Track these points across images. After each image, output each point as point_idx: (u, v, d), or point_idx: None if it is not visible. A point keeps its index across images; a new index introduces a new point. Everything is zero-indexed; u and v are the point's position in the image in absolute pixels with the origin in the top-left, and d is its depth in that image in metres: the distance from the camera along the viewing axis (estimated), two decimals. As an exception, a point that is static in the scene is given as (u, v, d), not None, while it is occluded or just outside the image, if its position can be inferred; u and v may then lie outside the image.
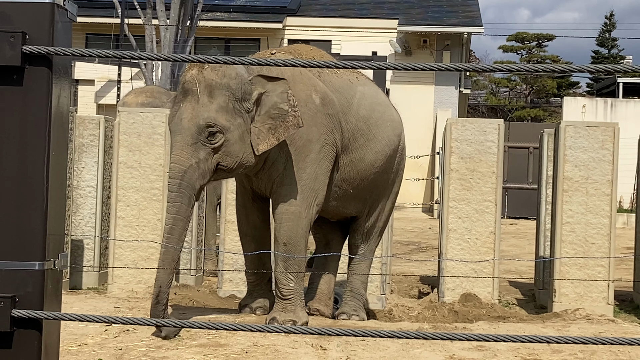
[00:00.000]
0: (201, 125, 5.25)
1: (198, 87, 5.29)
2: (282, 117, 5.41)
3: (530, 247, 11.74)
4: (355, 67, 2.68)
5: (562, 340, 2.47)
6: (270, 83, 5.44)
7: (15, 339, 2.49)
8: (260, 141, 5.41)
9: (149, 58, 2.64)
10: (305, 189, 5.63)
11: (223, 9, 24.95)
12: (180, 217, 5.30)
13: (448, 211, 7.60)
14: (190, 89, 5.31)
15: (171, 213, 5.30)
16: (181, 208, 5.29)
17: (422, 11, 25.51)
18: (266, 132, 5.42)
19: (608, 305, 7.34)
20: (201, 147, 5.28)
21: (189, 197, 5.31)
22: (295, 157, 5.61)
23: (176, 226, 5.30)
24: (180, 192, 5.27)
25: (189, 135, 5.27)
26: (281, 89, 5.45)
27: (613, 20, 52.33)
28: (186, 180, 5.27)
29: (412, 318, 7.13)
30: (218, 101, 5.29)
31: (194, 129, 5.26)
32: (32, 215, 2.50)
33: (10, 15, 2.49)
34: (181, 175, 5.26)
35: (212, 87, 5.29)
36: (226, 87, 5.31)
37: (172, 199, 5.30)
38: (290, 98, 5.45)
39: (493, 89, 49.56)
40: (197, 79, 5.30)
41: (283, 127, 5.42)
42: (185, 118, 5.28)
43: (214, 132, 5.28)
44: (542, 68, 2.41)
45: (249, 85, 5.39)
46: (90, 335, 5.19)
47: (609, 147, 7.38)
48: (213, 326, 2.91)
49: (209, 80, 5.29)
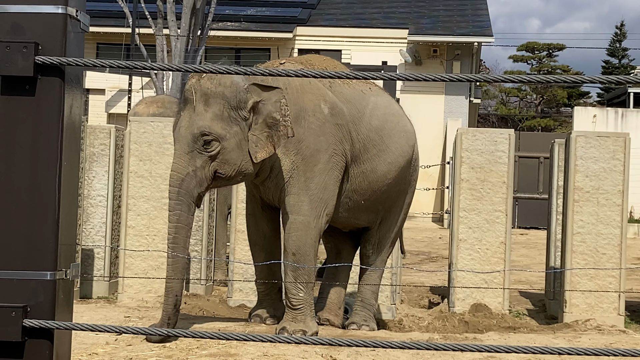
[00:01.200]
0: (195, 133, 5.31)
1: (194, 96, 5.36)
2: (276, 127, 5.45)
3: (541, 257, 11.71)
4: (366, 77, 2.68)
5: (573, 352, 2.46)
6: (266, 92, 5.46)
7: (26, 349, 2.50)
8: (258, 149, 5.44)
9: (160, 68, 2.65)
10: (314, 199, 5.62)
11: (234, 18, 25.00)
12: (181, 225, 5.37)
13: (458, 221, 7.59)
14: (188, 98, 5.39)
15: (172, 222, 5.37)
16: (181, 216, 5.35)
17: (432, 21, 25.52)
18: (265, 140, 5.45)
19: (619, 316, 7.32)
20: (197, 155, 5.34)
21: (187, 204, 5.36)
22: (303, 167, 5.61)
23: (179, 235, 5.37)
24: (179, 200, 5.34)
25: (185, 143, 5.34)
26: (275, 97, 5.47)
27: (624, 30, 52.33)
28: (184, 187, 5.33)
29: (422, 328, 7.11)
30: (213, 109, 5.34)
31: (189, 138, 5.33)
32: (43, 225, 2.51)
33: (23, 26, 2.51)
34: (179, 183, 5.33)
35: (208, 95, 5.35)
36: (221, 96, 5.35)
37: (172, 207, 5.37)
38: (282, 107, 5.47)
39: (503, 98, 49.54)
40: (194, 88, 5.37)
41: (277, 136, 5.46)
42: (183, 127, 5.37)
43: (209, 141, 5.32)
44: (552, 79, 2.41)
45: (244, 94, 5.41)
46: (100, 344, 5.19)
47: (620, 157, 7.37)
48: (223, 336, 2.91)
49: (205, 89, 5.35)
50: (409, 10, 26.41)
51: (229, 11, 24.93)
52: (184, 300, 7.41)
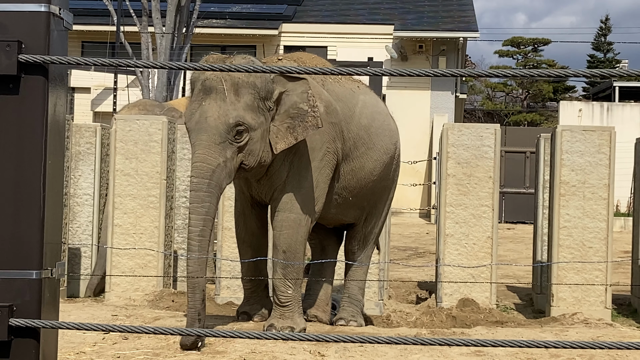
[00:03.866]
0: (230, 123, 5.15)
1: (225, 84, 5.19)
2: (301, 117, 5.40)
3: (528, 251, 11.74)
4: (352, 73, 2.68)
5: (560, 345, 2.47)
6: (291, 83, 5.42)
7: (13, 348, 2.49)
8: (278, 140, 5.38)
9: (145, 66, 2.64)
10: (306, 197, 5.62)
11: (219, 15, 24.97)
12: (209, 218, 5.17)
13: (445, 216, 7.60)
14: (214, 87, 5.20)
15: (200, 214, 5.13)
16: (210, 209, 5.16)
17: (418, 17, 25.54)
18: (284, 131, 5.40)
19: (606, 309, 7.34)
20: (228, 146, 5.19)
21: (217, 197, 5.22)
22: (298, 165, 5.60)
23: (207, 227, 5.15)
24: (210, 191, 5.14)
25: (217, 133, 5.15)
26: (302, 88, 5.44)
27: (609, 24, 52.49)
28: (215, 179, 5.15)
29: (410, 324, 7.12)
30: (245, 99, 5.22)
31: (222, 128, 5.15)
32: (29, 223, 2.50)
33: (6, 25, 2.49)
34: (209, 174, 5.13)
35: (239, 85, 5.22)
36: (252, 86, 5.26)
37: (201, 199, 5.13)
38: (310, 98, 5.44)
39: (489, 93, 49.61)
40: (221, 76, 5.19)
41: (302, 127, 5.40)
42: (211, 116, 5.17)
43: (241, 131, 5.20)
44: (538, 73, 2.42)
45: (271, 84, 5.36)
46: (88, 343, 5.18)
47: (605, 151, 7.39)
48: (211, 333, 2.91)
49: (235, 78, 5.21)
50: (394, 6, 26.42)
51: (214, 8, 24.89)
52: (172, 298, 7.40)
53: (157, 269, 7.65)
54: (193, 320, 5.15)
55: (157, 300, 7.36)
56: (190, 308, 5.17)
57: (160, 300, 7.33)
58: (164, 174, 7.71)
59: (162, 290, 7.58)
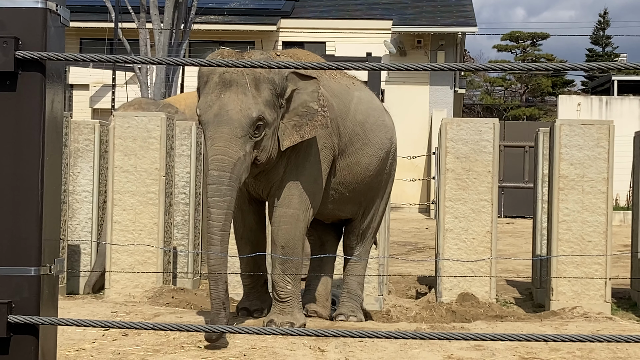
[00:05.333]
0: (254, 117, 5.12)
1: (246, 78, 5.15)
2: (310, 116, 5.40)
3: (527, 245, 11.75)
4: (350, 68, 2.68)
5: (559, 339, 2.47)
6: (302, 81, 5.42)
7: (12, 345, 2.49)
8: (285, 137, 5.37)
9: (143, 62, 2.63)
10: (303, 192, 5.62)
11: (217, 11, 24.96)
12: (230, 212, 5.11)
13: (444, 211, 7.60)
14: (234, 80, 5.15)
15: (222, 209, 5.06)
16: (232, 203, 5.10)
17: (416, 11, 25.54)
18: (291, 129, 5.39)
19: (605, 303, 7.34)
20: (248, 141, 5.15)
21: (237, 191, 5.17)
22: (295, 161, 5.60)
23: (228, 222, 5.11)
24: (231, 185, 5.07)
25: (239, 127, 5.10)
26: (312, 87, 5.44)
27: (607, 18, 52.48)
28: (236, 173, 5.10)
29: (409, 318, 7.13)
30: (265, 95, 5.21)
31: (245, 121, 5.11)
32: (27, 220, 2.50)
33: (2, 21, 2.49)
34: (231, 167, 5.07)
35: (259, 80, 5.20)
36: (271, 82, 5.25)
37: (223, 193, 5.06)
38: (320, 98, 5.45)
39: (488, 88, 49.62)
40: (243, 70, 5.15)
41: (310, 126, 5.40)
42: (233, 109, 5.12)
43: (261, 126, 5.19)
44: (536, 67, 2.42)
45: (285, 81, 5.37)
46: (87, 340, 5.18)
47: (604, 145, 7.39)
48: (211, 329, 2.91)
49: (257, 72, 5.19)
50: (392, 1, 26.42)
51: (212, 4, 24.88)
52: (171, 294, 7.40)
53: (156, 266, 7.65)
54: (218, 309, 5.07)
55: (157, 296, 7.36)
56: (214, 299, 5.09)
57: (160, 297, 7.34)
58: (163, 170, 7.71)
59: (161, 286, 7.58)
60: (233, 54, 5.37)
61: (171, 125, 7.97)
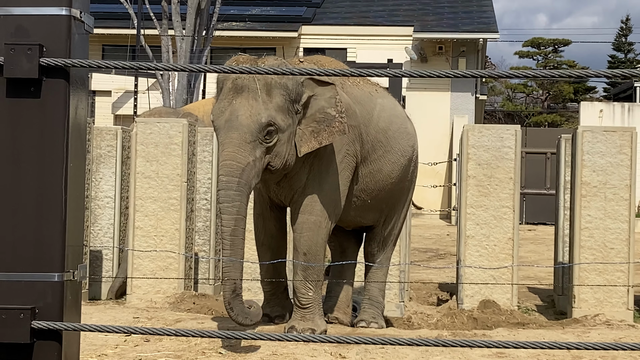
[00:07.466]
0: (263, 123, 5.12)
1: (258, 83, 5.15)
2: (328, 122, 5.40)
3: (549, 253, 11.69)
4: (372, 75, 2.68)
5: (582, 347, 2.46)
6: (320, 87, 5.43)
7: (35, 351, 2.51)
8: (302, 143, 5.37)
9: (165, 69, 2.64)
10: (326, 199, 5.62)
11: (238, 18, 25.03)
12: (241, 217, 5.12)
13: (466, 218, 7.58)
14: (246, 85, 5.17)
15: (231, 214, 5.07)
16: (241, 207, 5.10)
17: (437, 18, 25.51)
18: (309, 135, 5.39)
19: (628, 311, 7.30)
20: (258, 146, 5.15)
21: (247, 196, 5.16)
22: (318, 168, 5.60)
23: (239, 227, 5.11)
24: (240, 190, 5.08)
25: (249, 132, 5.11)
26: (330, 94, 5.44)
27: (629, 24, 52.19)
28: (244, 178, 5.10)
29: (431, 325, 7.11)
30: (276, 100, 5.20)
31: (254, 127, 5.11)
32: (50, 226, 2.51)
33: (27, 28, 2.51)
34: (239, 173, 5.08)
35: (271, 85, 5.20)
36: (284, 87, 5.25)
37: (232, 198, 5.07)
38: (338, 104, 5.44)
39: (509, 94, 49.45)
40: (254, 75, 5.14)
41: (327, 132, 5.40)
42: (243, 115, 5.12)
43: (272, 131, 5.18)
44: (558, 74, 2.41)
45: (300, 87, 5.36)
46: (109, 345, 5.20)
47: (626, 152, 7.35)
48: (232, 335, 2.91)
49: (268, 78, 5.17)
50: (413, 8, 26.40)
51: (234, 11, 24.95)
52: (193, 300, 7.42)
53: (178, 272, 7.67)
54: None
55: (178, 302, 7.38)
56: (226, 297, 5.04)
57: (182, 303, 7.35)
58: (184, 176, 7.73)
59: (183, 292, 7.60)
60: (248, 60, 5.37)
61: (193, 131, 7.99)
